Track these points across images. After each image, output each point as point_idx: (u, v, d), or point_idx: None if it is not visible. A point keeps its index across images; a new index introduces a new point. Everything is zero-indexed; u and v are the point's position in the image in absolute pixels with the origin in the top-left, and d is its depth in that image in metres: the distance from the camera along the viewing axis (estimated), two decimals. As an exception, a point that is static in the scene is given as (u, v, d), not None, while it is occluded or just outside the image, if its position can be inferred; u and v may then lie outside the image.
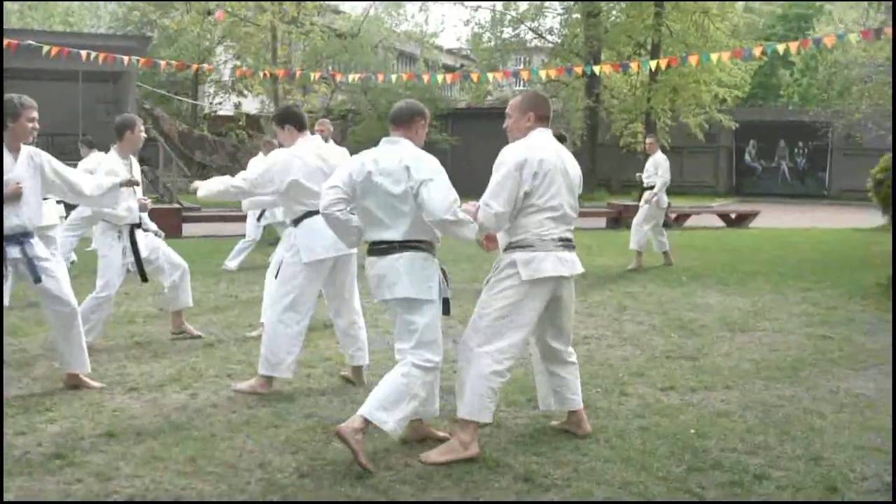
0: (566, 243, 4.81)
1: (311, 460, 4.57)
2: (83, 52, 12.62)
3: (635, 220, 12.62)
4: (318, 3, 19.01)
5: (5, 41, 11.81)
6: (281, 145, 6.37)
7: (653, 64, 14.57)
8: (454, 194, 4.55)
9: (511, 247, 4.73)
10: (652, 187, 12.58)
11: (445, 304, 4.72)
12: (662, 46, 27.62)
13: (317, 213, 5.38)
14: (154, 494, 4.09)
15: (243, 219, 12.88)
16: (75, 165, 11.59)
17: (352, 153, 6.04)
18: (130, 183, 6.82)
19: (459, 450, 4.57)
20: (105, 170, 7.14)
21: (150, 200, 7.84)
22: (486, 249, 4.93)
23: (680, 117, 29.01)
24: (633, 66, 14.09)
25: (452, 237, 4.64)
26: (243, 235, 12.28)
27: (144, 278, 7.38)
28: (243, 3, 17.26)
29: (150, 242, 7.38)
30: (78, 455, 4.61)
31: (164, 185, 23.42)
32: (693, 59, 13.02)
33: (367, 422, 4.43)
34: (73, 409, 5.44)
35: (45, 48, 12.30)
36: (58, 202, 9.35)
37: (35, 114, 5.69)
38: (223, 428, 5.10)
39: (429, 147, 4.84)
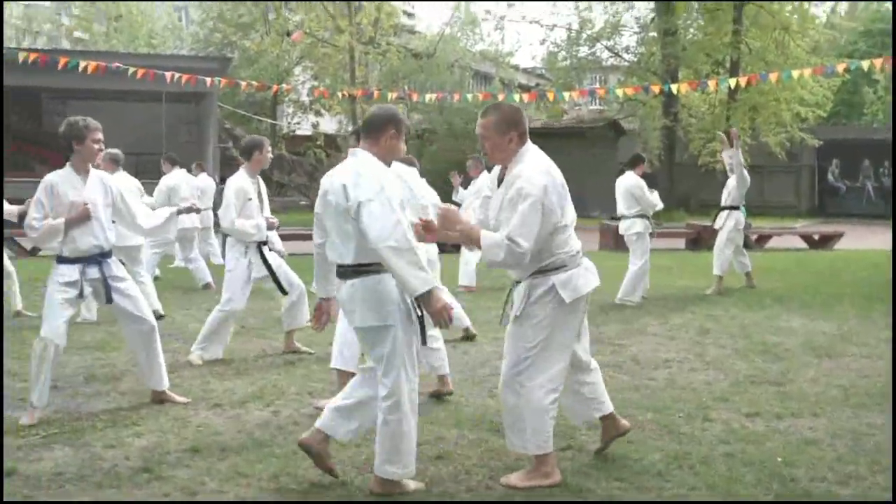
0: (581, 251, 4.64)
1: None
2: (167, 74, 12.95)
3: (716, 245, 12.32)
4: (395, 22, 19.18)
5: (93, 64, 12.17)
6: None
7: (732, 82, 14.38)
8: (396, 217, 4.07)
9: (542, 271, 4.46)
10: (730, 208, 12.28)
11: (422, 330, 4.35)
12: (741, 64, 27.25)
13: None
14: (239, 511, 4.14)
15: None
16: (157, 182, 11.92)
17: (427, 172, 6.14)
18: (189, 210, 7.01)
19: (541, 478, 4.49)
20: (234, 188, 7.42)
21: (277, 220, 8.06)
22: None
23: (760, 136, 28.54)
24: (712, 84, 13.94)
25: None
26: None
27: (283, 290, 7.63)
28: (322, 24, 17.49)
29: (273, 260, 7.58)
30: (164, 469, 4.71)
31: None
32: (773, 77, 12.81)
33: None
34: (159, 424, 5.55)
35: (132, 70, 12.64)
36: None
37: (100, 135, 5.87)
38: (305, 446, 5.14)
39: None
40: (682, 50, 29.53)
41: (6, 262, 9.48)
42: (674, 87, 13.88)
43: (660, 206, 11.40)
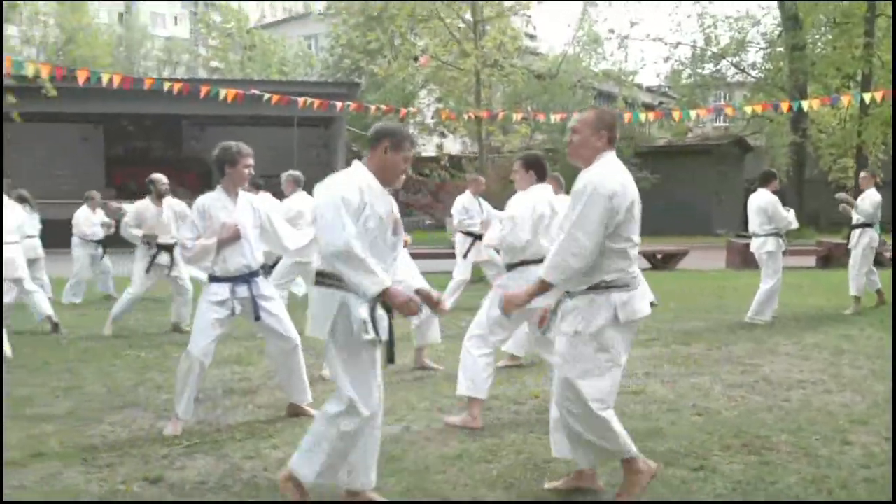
0: (640, 275, 4.48)
1: (523, 496, 4.62)
2: (300, 100, 13.39)
3: (850, 265, 11.96)
4: (518, 44, 19.29)
5: (231, 91, 12.69)
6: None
7: (866, 97, 13.85)
8: (343, 223, 3.97)
9: (605, 287, 4.27)
10: (863, 225, 11.89)
11: (389, 349, 4.26)
12: (873, 77, 26.23)
13: (530, 262, 5.95)
14: (374, 522, 4.25)
15: (450, 255, 13.13)
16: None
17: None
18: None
19: (637, 487, 4.46)
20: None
21: (409, 238, 8.25)
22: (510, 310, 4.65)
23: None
24: (845, 100, 13.44)
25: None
26: (448, 272, 12.49)
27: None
28: (447, 48, 17.76)
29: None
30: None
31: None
32: (911, 92, 12.31)
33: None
34: (294, 436, 5.72)
35: (266, 96, 13.13)
36: None
37: (251, 161, 6.13)
38: (436, 461, 5.24)
39: None
40: (811, 65, 28.62)
41: (186, 280, 10.04)
42: (805, 104, 13.47)
43: (795, 224, 11.07)
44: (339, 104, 14.09)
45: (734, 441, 5.60)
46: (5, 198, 10.16)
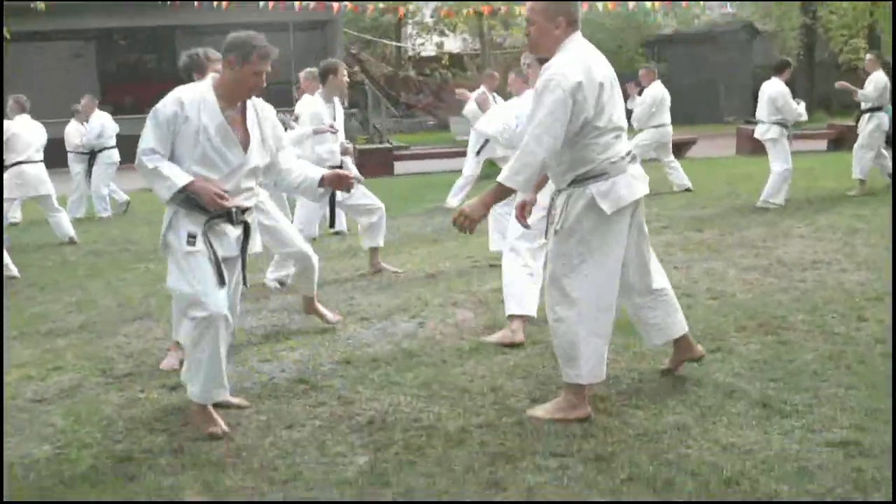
0: (631, 155, 4.15)
1: (542, 385, 4.62)
2: (296, 4, 13.08)
3: (856, 146, 11.78)
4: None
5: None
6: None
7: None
8: (143, 134, 4.06)
9: (580, 180, 4.03)
10: (872, 109, 11.64)
11: (217, 266, 4.13)
12: (887, -47, 25.50)
13: None
14: (394, 416, 4.25)
15: (455, 154, 13.04)
16: (292, 111, 12.16)
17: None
18: (327, 129, 7.10)
19: (568, 410, 4.11)
20: (310, 113, 7.43)
21: (351, 145, 8.11)
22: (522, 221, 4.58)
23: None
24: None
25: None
26: (458, 171, 12.38)
27: (332, 223, 7.95)
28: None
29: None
30: (319, 380, 4.87)
31: (374, 125, 24.10)
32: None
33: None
34: (310, 338, 5.75)
35: (262, 3, 12.83)
36: None
37: (220, 66, 5.86)
38: (453, 355, 5.24)
39: (633, 74, 4.43)
40: (822, -58, 27.82)
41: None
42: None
43: (804, 116, 11.06)
44: (335, 5, 13.75)
45: (750, 322, 5.59)
46: (27, 116, 10.26)
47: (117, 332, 6.20)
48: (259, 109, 4.30)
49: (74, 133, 13.24)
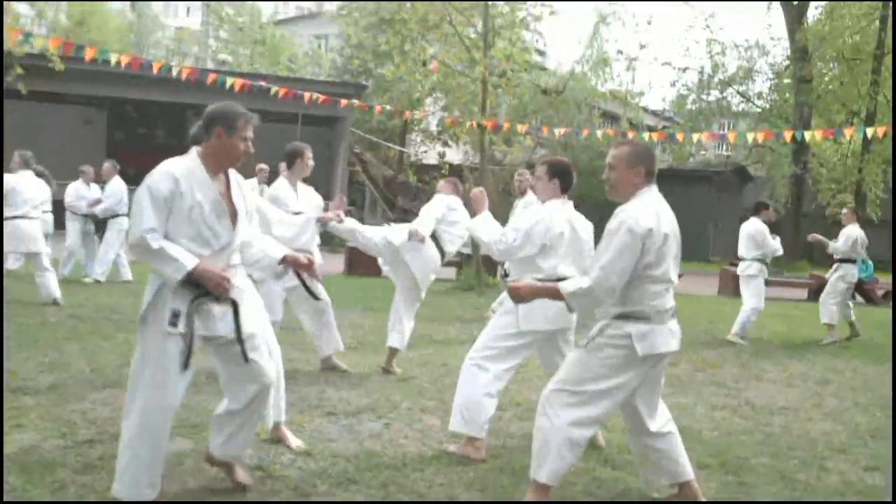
0: (674, 311, 4.39)
1: (497, 500, 4.62)
2: (306, 95, 13.42)
3: (822, 296, 12.40)
4: (527, 57, 19.33)
5: (239, 81, 12.73)
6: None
7: (869, 132, 13.90)
8: (137, 214, 3.96)
9: (624, 316, 4.26)
10: (842, 261, 12.23)
11: (187, 353, 4.03)
12: (878, 115, 26.36)
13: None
14: (347, 513, 4.26)
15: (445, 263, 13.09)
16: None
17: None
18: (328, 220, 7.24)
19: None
20: (269, 196, 7.35)
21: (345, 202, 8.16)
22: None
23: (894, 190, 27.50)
24: (848, 132, 13.50)
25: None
26: (447, 279, 12.49)
27: (315, 297, 7.42)
28: (457, 56, 17.82)
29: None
30: (277, 469, 4.87)
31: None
32: (914, 129, 12.38)
33: None
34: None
35: (273, 90, 13.16)
36: None
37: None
38: (414, 459, 5.25)
39: None
40: (816, 98, 28.74)
41: None
42: (808, 135, 13.53)
43: (780, 251, 11.78)
44: (343, 101, 14.12)
45: (712, 460, 5.62)
46: (29, 172, 10.41)
47: (85, 397, 6.20)
48: (240, 182, 4.28)
49: (73, 192, 13.40)
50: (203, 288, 3.99)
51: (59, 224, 13.38)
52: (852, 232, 12.16)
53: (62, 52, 13.63)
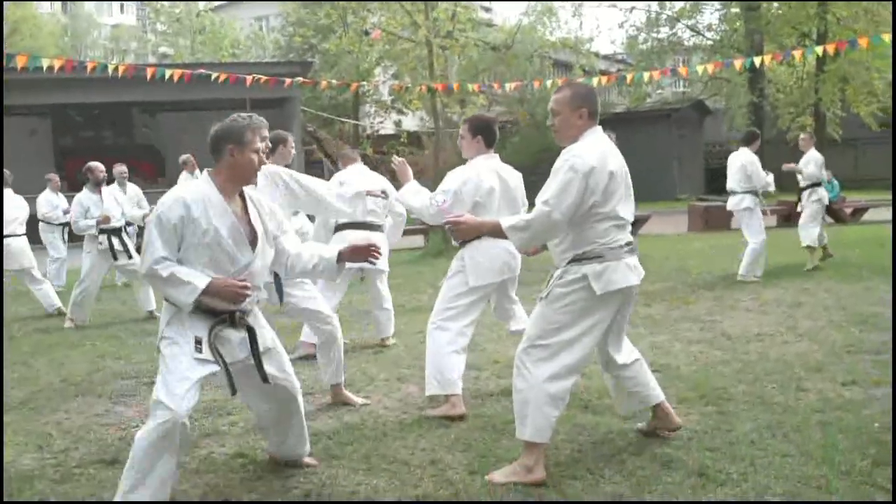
0: (630, 247, 4.38)
1: (481, 457, 4.61)
2: (248, 78, 13.22)
3: (801, 221, 12.11)
4: (471, 15, 19.20)
5: (178, 72, 12.51)
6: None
7: (818, 51, 13.85)
8: (148, 244, 3.88)
9: (577, 259, 4.27)
10: (811, 185, 12.03)
11: (228, 377, 3.97)
12: (829, 34, 26.45)
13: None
14: (331, 489, 4.23)
15: (410, 232, 13.09)
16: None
17: (510, 164, 6.02)
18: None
19: (523, 473, 4.22)
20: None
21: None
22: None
23: (851, 108, 27.67)
24: (797, 54, 13.45)
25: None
26: (413, 248, 12.46)
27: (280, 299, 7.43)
28: (399, 21, 17.64)
29: None
30: (259, 454, 4.83)
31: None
32: (862, 42, 12.37)
33: None
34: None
35: (214, 76, 12.95)
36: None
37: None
38: (395, 428, 5.23)
39: None
40: (765, 24, 28.80)
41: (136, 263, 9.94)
42: (756, 60, 13.47)
43: (772, 187, 11.30)
44: (287, 80, 13.91)
45: (691, 394, 5.64)
46: (10, 191, 10.41)
47: (58, 408, 6.09)
48: (256, 201, 4.14)
49: (45, 203, 13.27)
50: (219, 316, 3.93)
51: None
52: (815, 155, 12.07)
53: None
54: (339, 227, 7.64)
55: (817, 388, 5.69)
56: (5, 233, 10.30)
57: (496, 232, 4.37)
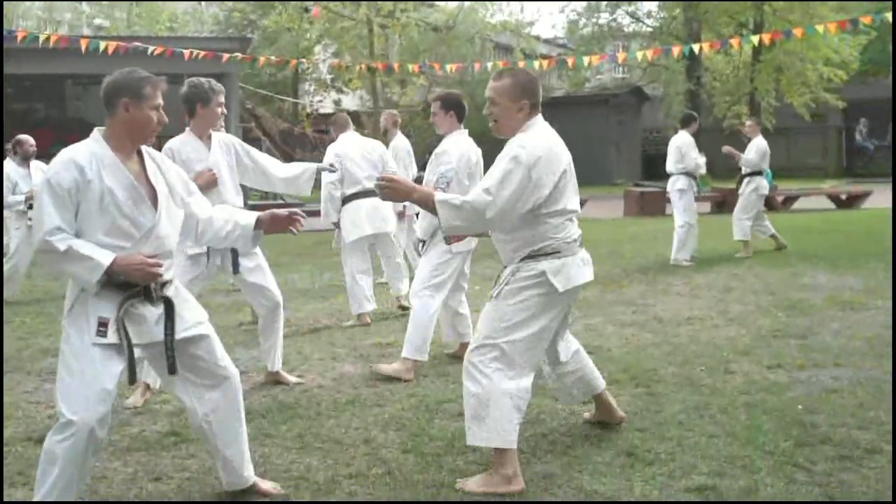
0: (580, 239, 4.21)
1: (415, 437, 4.64)
2: (185, 52, 13.01)
3: (735, 211, 12.16)
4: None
5: (113, 44, 12.27)
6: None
7: (755, 39, 14.12)
8: (34, 230, 3.52)
9: (532, 255, 4.04)
10: (751, 174, 12.07)
11: (130, 365, 3.49)
12: (765, 25, 26.92)
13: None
14: (264, 468, 4.21)
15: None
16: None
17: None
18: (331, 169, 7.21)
19: (501, 483, 3.92)
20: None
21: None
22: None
23: (785, 98, 28.22)
24: (734, 42, 13.71)
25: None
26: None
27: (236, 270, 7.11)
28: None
29: None
30: (190, 433, 4.75)
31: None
32: (798, 33, 12.63)
33: None
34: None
35: (150, 49, 12.72)
36: None
37: (223, 98, 5.62)
38: (329, 407, 5.23)
39: None
40: (703, 13, 29.19)
41: None
42: (695, 47, 13.69)
43: (702, 169, 11.46)
44: (225, 56, 13.72)
45: (623, 375, 5.74)
46: None
47: (-16, 385, 5.97)
48: (158, 158, 3.76)
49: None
50: (130, 289, 3.51)
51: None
52: (761, 144, 12.10)
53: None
54: (347, 199, 7.86)
55: (744, 371, 5.83)
56: None
57: (426, 203, 4.00)
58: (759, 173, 12.15)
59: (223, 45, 24.34)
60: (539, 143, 3.98)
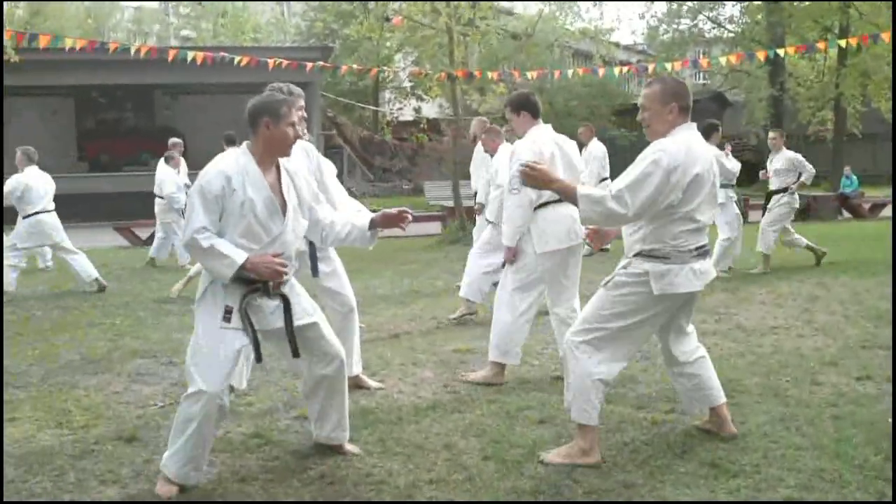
0: (702, 251, 4.31)
1: (495, 443, 4.64)
2: (270, 62, 13.27)
3: (762, 223, 11.39)
4: (492, 3, 19.12)
5: (201, 55, 12.57)
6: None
7: (841, 43, 13.81)
8: (190, 215, 4.00)
9: (643, 255, 4.26)
10: (780, 191, 11.31)
11: (255, 346, 4.08)
12: (851, 29, 26.25)
13: (549, 203, 5.70)
14: (346, 471, 4.27)
15: (427, 219, 13.16)
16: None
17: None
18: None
19: (579, 455, 4.30)
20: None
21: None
22: (593, 247, 4.84)
23: (872, 102, 27.48)
24: (820, 45, 13.41)
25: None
26: (430, 235, 12.51)
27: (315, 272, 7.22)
28: (419, 7, 17.61)
29: None
30: (275, 435, 4.88)
31: (349, 189, 24.24)
32: (885, 36, 12.31)
33: None
34: (269, 394, 5.75)
35: (236, 59, 13.01)
36: None
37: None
38: (409, 412, 5.27)
39: (608, 142, 4.58)
40: (787, 17, 28.59)
41: None
42: (780, 52, 13.43)
43: (736, 171, 10.89)
44: (308, 65, 13.95)
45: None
46: (35, 168, 10.48)
47: (77, 385, 6.17)
48: (291, 172, 4.22)
49: (170, 183, 12.71)
50: (253, 284, 4.04)
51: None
52: (788, 155, 11.44)
53: (16, 43, 13.39)
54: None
55: (831, 382, 5.70)
56: (38, 209, 10.39)
57: (567, 194, 4.30)
58: (784, 190, 11.33)
59: (305, 55, 24.78)
60: (680, 149, 4.15)
